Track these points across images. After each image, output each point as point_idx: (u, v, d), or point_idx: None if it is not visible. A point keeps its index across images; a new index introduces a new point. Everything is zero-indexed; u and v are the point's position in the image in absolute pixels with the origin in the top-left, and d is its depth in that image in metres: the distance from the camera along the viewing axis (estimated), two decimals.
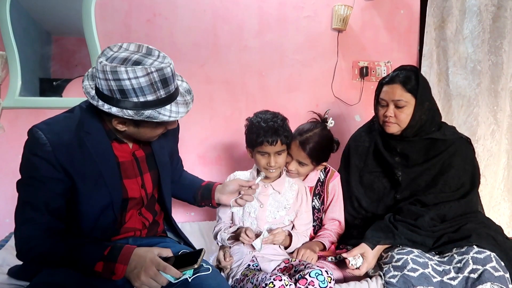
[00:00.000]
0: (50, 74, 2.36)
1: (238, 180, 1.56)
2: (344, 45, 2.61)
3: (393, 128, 1.70)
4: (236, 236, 1.57)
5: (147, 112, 1.14)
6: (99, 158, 1.25)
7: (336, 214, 1.77)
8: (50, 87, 2.33)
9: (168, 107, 1.18)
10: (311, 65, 2.59)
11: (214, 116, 2.47)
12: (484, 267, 1.38)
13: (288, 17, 2.53)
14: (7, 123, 2.25)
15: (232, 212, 1.64)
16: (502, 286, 1.35)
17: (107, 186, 1.26)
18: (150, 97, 1.13)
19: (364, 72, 2.63)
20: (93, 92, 1.18)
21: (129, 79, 1.09)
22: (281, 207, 1.63)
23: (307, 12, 2.55)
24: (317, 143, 1.61)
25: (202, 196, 1.60)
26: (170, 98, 1.18)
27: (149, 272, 1.13)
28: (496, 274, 1.36)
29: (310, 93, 2.60)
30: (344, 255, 1.52)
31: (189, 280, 1.16)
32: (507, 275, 1.39)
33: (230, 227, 1.63)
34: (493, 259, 1.41)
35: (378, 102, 1.75)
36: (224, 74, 2.47)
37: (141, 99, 1.13)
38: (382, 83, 1.74)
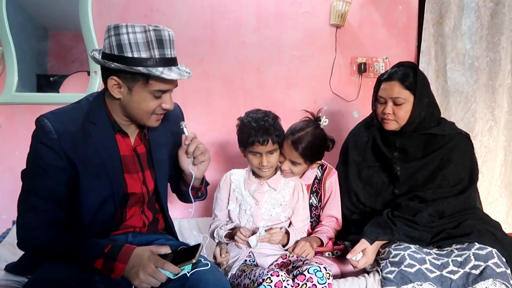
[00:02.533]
0: (47, 69, 2.35)
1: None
2: (342, 41, 2.60)
3: (392, 125, 1.69)
4: (232, 235, 1.56)
5: (139, 68, 1.16)
6: (103, 149, 1.26)
7: (333, 211, 1.77)
8: (47, 82, 2.32)
9: (160, 69, 1.18)
10: (309, 61, 2.58)
11: (212, 112, 2.47)
12: (486, 263, 1.38)
13: (286, 13, 2.52)
14: (4, 119, 2.24)
15: (229, 210, 1.64)
16: (504, 282, 1.35)
17: (109, 177, 1.27)
18: (144, 55, 1.17)
19: (362, 68, 2.63)
20: (97, 55, 1.23)
21: (127, 33, 1.15)
22: (277, 204, 1.62)
23: (305, 7, 2.54)
24: (309, 142, 1.58)
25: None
26: (164, 62, 1.19)
27: (148, 269, 1.13)
28: (498, 270, 1.36)
29: (308, 89, 2.60)
30: (348, 256, 1.52)
31: (188, 275, 1.17)
32: (508, 271, 1.40)
33: (227, 224, 1.63)
34: (495, 255, 1.41)
35: (376, 99, 1.74)
36: (222, 70, 2.46)
37: (135, 55, 1.16)
38: (380, 80, 1.73)
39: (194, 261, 1.17)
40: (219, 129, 2.48)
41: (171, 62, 1.22)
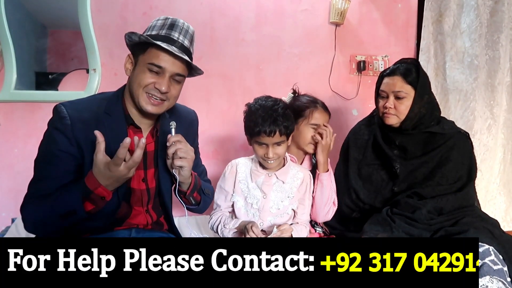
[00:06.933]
0: (46, 67, 2.35)
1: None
2: (341, 39, 2.60)
3: (392, 120, 1.70)
4: (239, 232, 1.50)
5: (142, 38, 1.26)
6: (113, 140, 1.26)
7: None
8: (46, 80, 2.32)
9: (159, 42, 1.24)
10: (308, 59, 2.58)
11: (211, 110, 2.46)
12: (483, 261, 1.38)
13: (285, 11, 2.52)
14: (2, 116, 2.24)
15: (233, 202, 1.57)
16: (501, 279, 1.35)
17: None
18: (154, 32, 1.29)
19: (361, 66, 2.63)
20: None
21: (153, 21, 1.32)
22: (285, 197, 1.56)
23: (304, 5, 2.54)
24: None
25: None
26: (167, 39, 1.26)
27: (100, 163, 1.16)
28: (495, 267, 1.37)
29: (307, 87, 2.56)
30: None
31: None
32: (505, 268, 1.40)
33: (231, 217, 1.57)
34: (492, 252, 1.41)
35: (378, 94, 1.76)
36: (221, 68, 2.46)
37: (148, 32, 1.30)
38: (382, 75, 1.75)
39: None
40: (218, 126, 2.48)
41: (173, 42, 1.27)
